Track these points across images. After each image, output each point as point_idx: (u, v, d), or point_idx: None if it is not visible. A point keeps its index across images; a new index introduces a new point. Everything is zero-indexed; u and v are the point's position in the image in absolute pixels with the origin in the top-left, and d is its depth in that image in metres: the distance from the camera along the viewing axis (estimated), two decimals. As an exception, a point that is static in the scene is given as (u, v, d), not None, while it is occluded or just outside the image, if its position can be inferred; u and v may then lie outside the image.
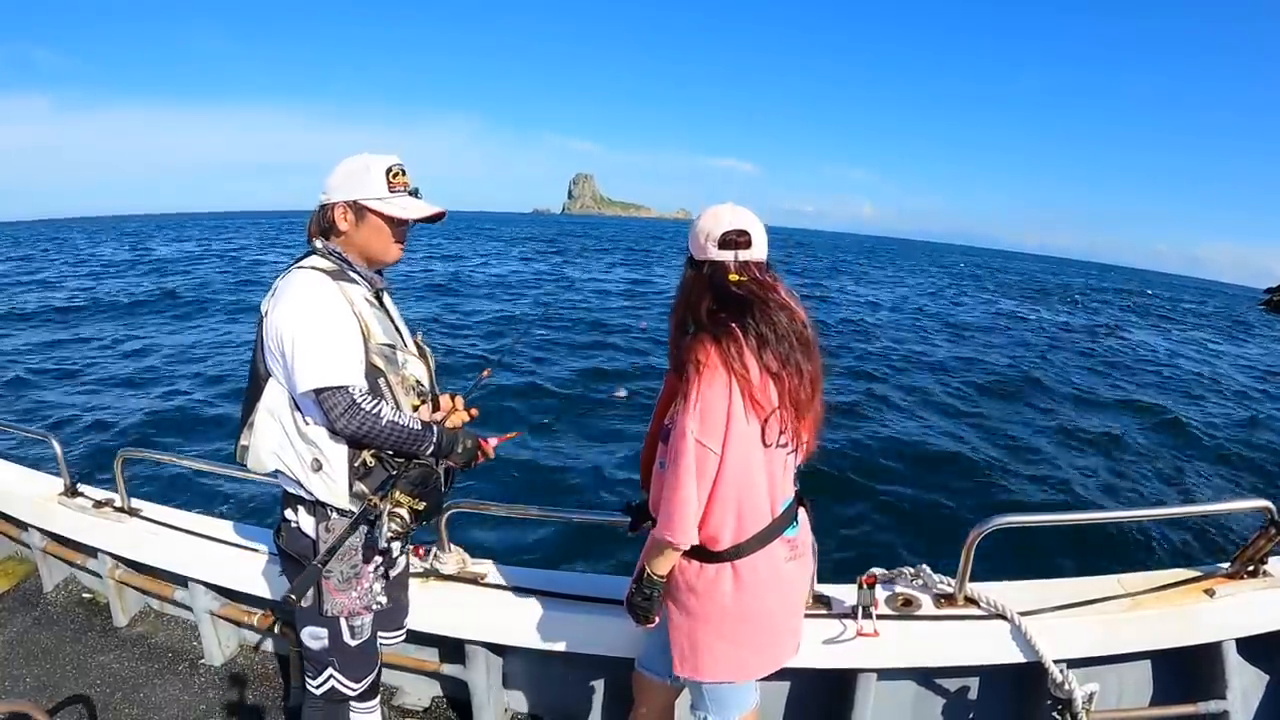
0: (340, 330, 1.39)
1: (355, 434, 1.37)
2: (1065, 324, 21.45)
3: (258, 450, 1.46)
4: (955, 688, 2.03)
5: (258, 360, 1.46)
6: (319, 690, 1.61)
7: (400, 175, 1.49)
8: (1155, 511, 3.39)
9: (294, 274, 1.43)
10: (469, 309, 16.07)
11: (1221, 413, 10.93)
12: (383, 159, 1.47)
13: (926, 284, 33.93)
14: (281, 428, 1.44)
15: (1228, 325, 28.42)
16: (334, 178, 1.47)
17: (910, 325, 17.98)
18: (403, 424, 1.41)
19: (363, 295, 1.48)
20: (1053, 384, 11.66)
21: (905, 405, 9.60)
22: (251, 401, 1.47)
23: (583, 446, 7.03)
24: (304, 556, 1.50)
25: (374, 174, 1.45)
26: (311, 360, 1.34)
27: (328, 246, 1.49)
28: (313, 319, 1.36)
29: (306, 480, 1.44)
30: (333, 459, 1.43)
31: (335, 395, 1.34)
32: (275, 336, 1.38)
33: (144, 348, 11.49)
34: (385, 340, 1.48)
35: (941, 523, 5.66)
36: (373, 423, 1.36)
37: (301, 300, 1.38)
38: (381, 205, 1.46)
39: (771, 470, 1.31)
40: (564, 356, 11.15)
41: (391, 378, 1.47)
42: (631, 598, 1.42)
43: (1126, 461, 8.01)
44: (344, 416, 1.34)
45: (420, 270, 23.84)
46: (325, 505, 1.47)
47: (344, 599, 1.52)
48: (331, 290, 1.41)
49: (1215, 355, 18.07)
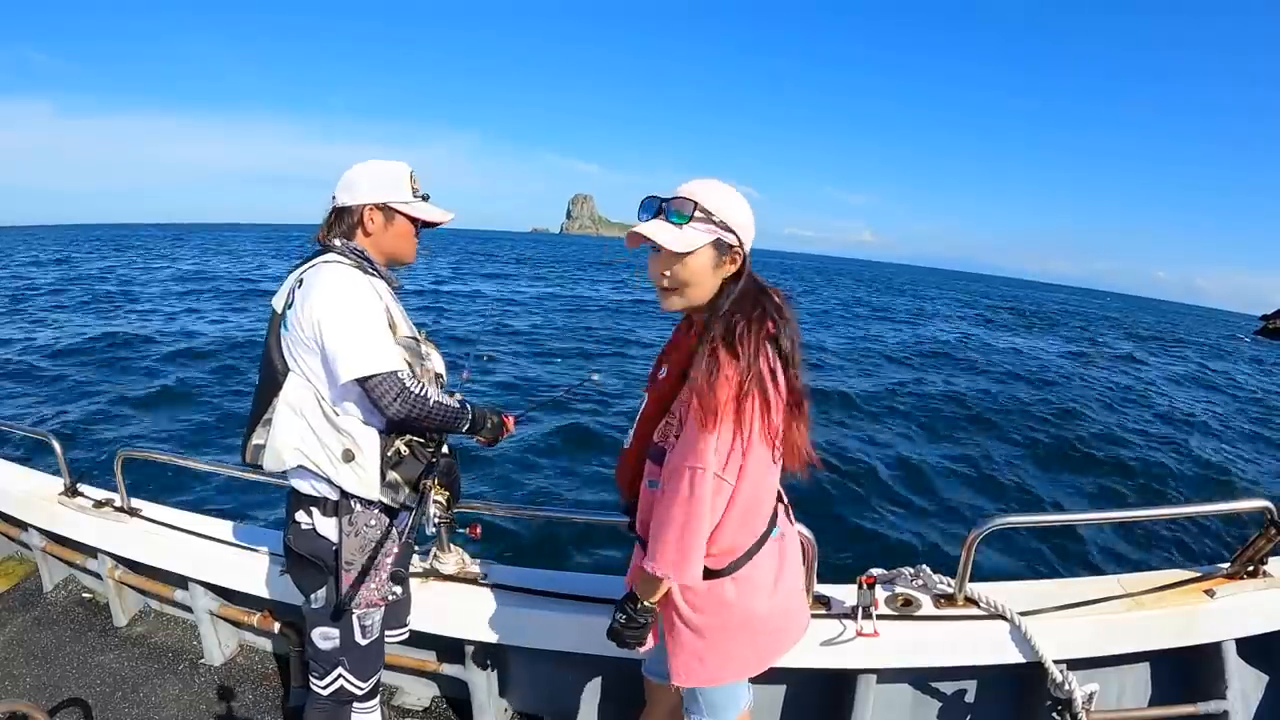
0: (380, 319, 1.43)
1: (408, 416, 1.41)
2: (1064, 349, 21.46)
3: (277, 448, 1.47)
4: (955, 688, 2.02)
5: (273, 357, 1.47)
6: (327, 691, 1.61)
7: (416, 181, 1.56)
8: (1155, 511, 3.38)
9: (322, 268, 1.44)
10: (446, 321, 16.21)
11: (1222, 416, 10.93)
12: (403, 165, 1.55)
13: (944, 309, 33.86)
14: (306, 422, 1.45)
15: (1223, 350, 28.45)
16: (360, 181, 1.51)
17: (920, 340, 17.99)
18: (446, 404, 1.48)
19: (386, 289, 1.53)
20: (1056, 392, 11.68)
21: (904, 408, 9.61)
22: (267, 399, 1.48)
23: (571, 441, 7.03)
24: (319, 558, 1.51)
25: (402, 180, 1.53)
26: (358, 348, 1.37)
27: (348, 246, 1.51)
28: (353, 308, 1.40)
29: (335, 473, 1.45)
30: (366, 448, 1.45)
31: (387, 381, 1.37)
32: (312, 328, 1.39)
33: (146, 347, 11.49)
34: (409, 333, 1.54)
35: (941, 523, 5.66)
36: (423, 404, 1.41)
37: (339, 291, 1.40)
38: (409, 208, 1.54)
39: (773, 485, 1.29)
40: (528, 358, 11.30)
41: (417, 369, 1.51)
42: (621, 630, 1.32)
43: (1127, 462, 8.01)
44: (397, 400, 1.38)
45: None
46: (351, 498, 1.48)
47: (364, 591, 1.53)
48: (365, 281, 1.45)
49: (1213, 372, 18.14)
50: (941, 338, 18.58)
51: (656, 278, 1.21)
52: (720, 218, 1.16)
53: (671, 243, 1.15)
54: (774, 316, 1.18)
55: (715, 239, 1.16)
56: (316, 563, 1.52)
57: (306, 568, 1.55)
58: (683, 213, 1.15)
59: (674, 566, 1.18)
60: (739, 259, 1.19)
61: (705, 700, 1.43)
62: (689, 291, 1.19)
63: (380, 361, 1.37)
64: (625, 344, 14.17)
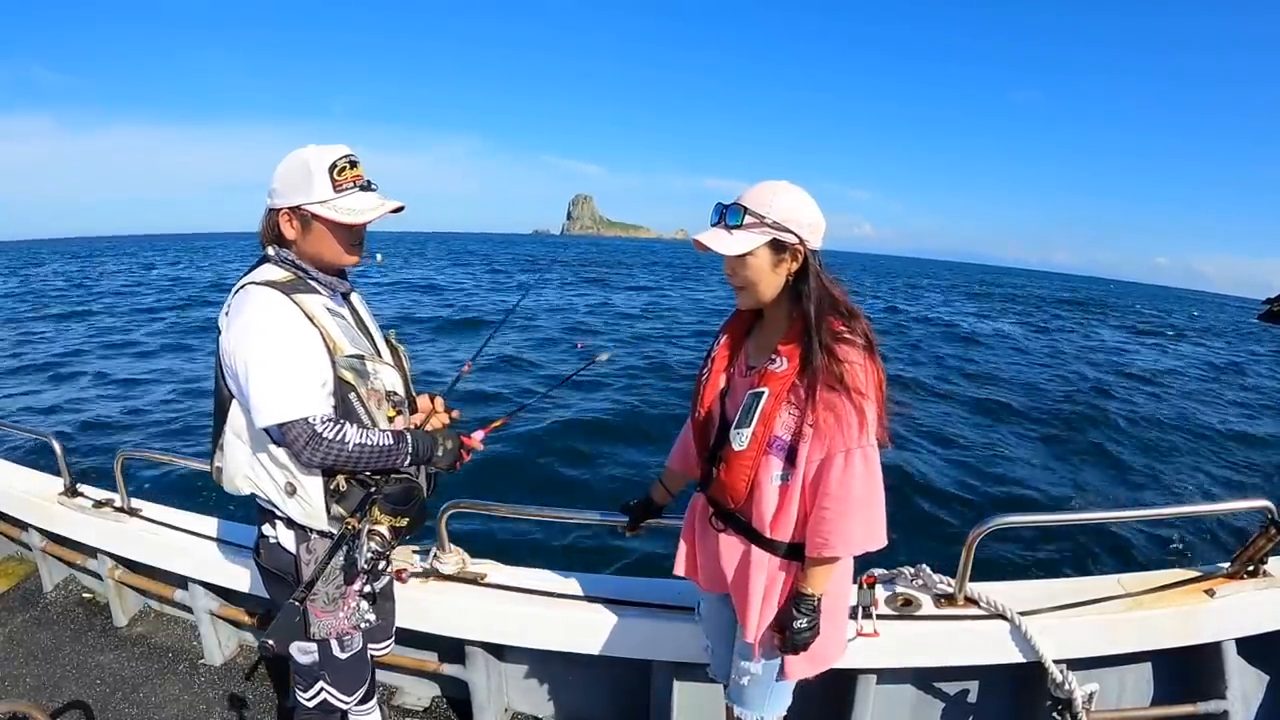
0: (297, 356, 1.29)
1: (321, 464, 1.30)
2: (1067, 335, 21.47)
3: (230, 474, 1.41)
4: (955, 688, 2.02)
5: (220, 380, 1.38)
6: (311, 704, 1.58)
7: (348, 169, 1.33)
8: (1155, 511, 3.38)
9: (247, 292, 1.32)
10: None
11: (1222, 415, 10.94)
12: (326, 152, 1.32)
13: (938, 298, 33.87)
14: (250, 451, 1.38)
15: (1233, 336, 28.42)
16: (275, 179, 1.34)
17: (914, 331, 18.00)
18: (372, 443, 1.32)
19: (323, 305, 1.37)
20: (1057, 388, 11.67)
21: (902, 398, 9.61)
22: (219, 422, 1.41)
23: (578, 437, 7.03)
24: (285, 573, 1.45)
25: (316, 174, 1.30)
26: (268, 394, 1.25)
27: (281, 254, 1.38)
28: (267, 347, 1.26)
29: (283, 504, 1.39)
30: (306, 483, 1.37)
31: (294, 429, 1.26)
32: (230, 363, 1.30)
33: (147, 349, 11.49)
34: (353, 352, 1.38)
35: (941, 523, 5.66)
36: (338, 450, 1.28)
37: (253, 325, 1.28)
38: (325, 210, 1.31)
39: None
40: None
41: (362, 391, 1.38)
42: (803, 631, 1.31)
43: (1127, 463, 8.01)
44: (307, 449, 1.27)
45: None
46: (304, 527, 1.42)
47: (331, 620, 1.47)
48: (286, 310, 1.30)
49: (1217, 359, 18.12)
50: (941, 333, 18.54)
51: (728, 278, 1.31)
52: (774, 218, 1.22)
53: (723, 247, 1.24)
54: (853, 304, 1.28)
55: (770, 239, 1.23)
56: (284, 577, 1.46)
57: (276, 582, 1.50)
58: (734, 217, 1.24)
59: (869, 541, 1.25)
60: (800, 256, 1.25)
61: (773, 694, 1.45)
62: (754, 290, 1.29)
63: (289, 409, 1.25)
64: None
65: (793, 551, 1.32)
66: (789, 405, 1.25)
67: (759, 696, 1.46)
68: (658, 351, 12.40)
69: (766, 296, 1.29)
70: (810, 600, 1.30)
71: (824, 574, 1.30)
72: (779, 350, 1.27)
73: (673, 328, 16.37)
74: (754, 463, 1.28)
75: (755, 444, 1.27)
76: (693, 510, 1.55)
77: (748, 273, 1.26)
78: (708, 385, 1.43)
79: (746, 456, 1.28)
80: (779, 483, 1.29)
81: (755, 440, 1.26)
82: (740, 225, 1.23)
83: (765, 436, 1.26)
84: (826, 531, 1.24)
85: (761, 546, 1.34)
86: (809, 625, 1.31)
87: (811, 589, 1.30)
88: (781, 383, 1.24)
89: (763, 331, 1.39)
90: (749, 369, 1.37)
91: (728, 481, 1.32)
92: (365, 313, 1.55)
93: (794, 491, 1.27)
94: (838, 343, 1.22)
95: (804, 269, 1.26)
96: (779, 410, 1.25)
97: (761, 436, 1.26)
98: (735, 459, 1.29)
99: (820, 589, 1.31)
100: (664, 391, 9.17)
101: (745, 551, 1.37)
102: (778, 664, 1.40)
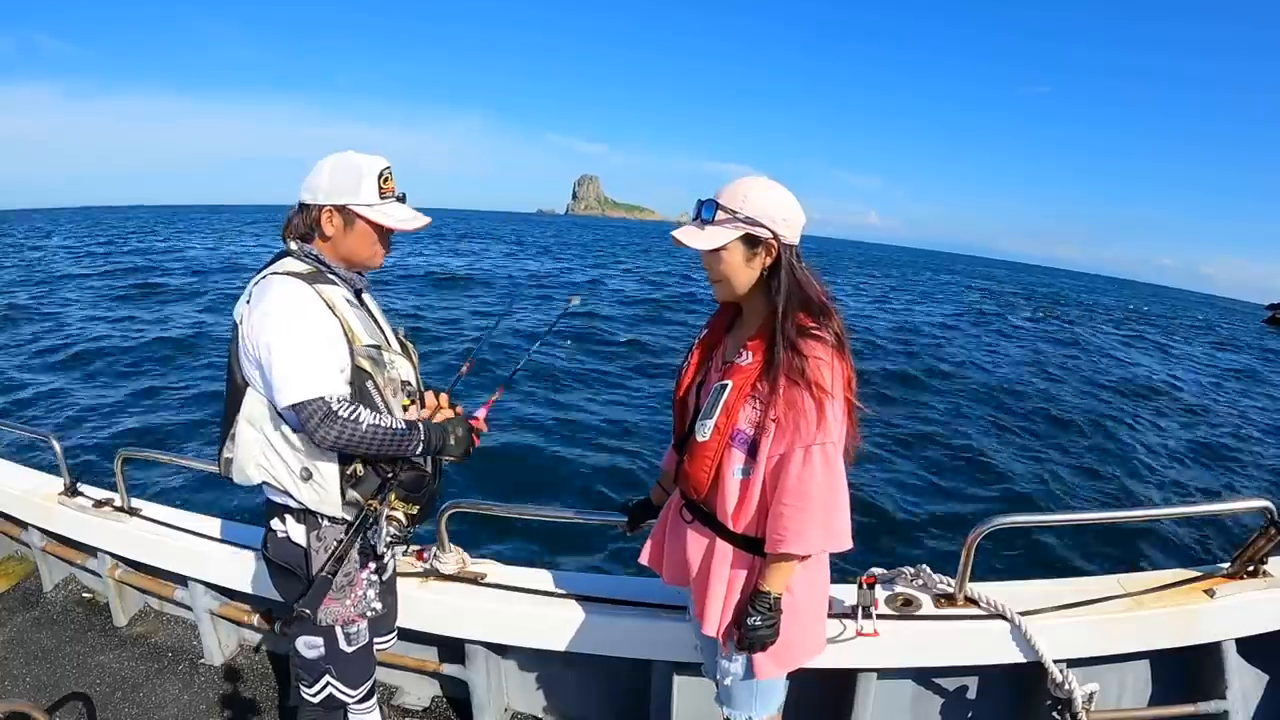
0: (318, 340, 1.34)
1: (335, 443, 1.31)
2: (1072, 335, 21.48)
3: (241, 463, 1.43)
4: (955, 687, 2.03)
5: (235, 369, 1.41)
6: (316, 699, 1.59)
7: (390, 180, 1.44)
8: (1155, 511, 3.39)
9: (269, 281, 1.37)
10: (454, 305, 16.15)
11: (1221, 415, 10.94)
12: (373, 162, 1.42)
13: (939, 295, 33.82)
14: (265, 438, 1.40)
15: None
16: (320, 179, 1.41)
17: (911, 330, 18.01)
18: (385, 425, 1.35)
19: (343, 296, 1.43)
20: (1056, 389, 11.67)
21: (903, 397, 9.62)
22: (231, 412, 1.43)
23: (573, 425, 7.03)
24: (295, 566, 1.47)
25: (366, 179, 1.40)
26: (289, 375, 1.30)
27: (304, 249, 1.44)
28: (289, 330, 1.31)
29: (297, 490, 1.41)
30: (322, 468, 1.40)
31: (310, 406, 1.29)
32: (253, 349, 1.34)
33: (148, 345, 11.48)
34: (370, 341, 1.44)
35: (941, 523, 5.66)
36: (352, 429, 1.30)
37: (277, 310, 1.33)
38: (372, 213, 1.41)
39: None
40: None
41: (379, 379, 1.43)
42: (757, 629, 1.29)
43: (1127, 463, 8.01)
44: (321, 427, 1.29)
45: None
46: (316, 514, 1.44)
47: (338, 607, 1.49)
48: (309, 296, 1.36)
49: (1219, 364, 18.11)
50: (941, 329, 18.50)
51: (706, 272, 1.33)
52: (747, 213, 1.22)
53: (695, 242, 1.25)
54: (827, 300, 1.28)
55: (743, 234, 1.23)
56: (294, 571, 1.48)
57: (285, 576, 1.51)
58: (708, 212, 1.25)
59: (827, 541, 1.24)
60: (774, 250, 1.24)
61: (759, 692, 1.44)
62: (728, 284, 1.29)
63: (308, 388, 1.29)
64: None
65: (753, 546, 1.32)
66: (753, 399, 1.26)
67: (743, 696, 1.45)
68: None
69: (740, 291, 1.30)
70: (766, 598, 1.29)
71: (783, 572, 1.29)
72: (747, 345, 1.28)
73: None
74: (716, 454, 1.29)
75: (718, 435, 1.28)
76: (670, 503, 1.56)
77: (721, 267, 1.28)
78: (684, 377, 1.45)
79: (709, 447, 1.29)
80: (740, 476, 1.30)
81: (718, 432, 1.27)
82: (713, 220, 1.24)
83: (728, 429, 1.27)
84: (783, 528, 1.23)
85: (725, 539, 1.34)
86: (764, 624, 1.29)
87: (769, 587, 1.29)
88: (745, 376, 1.26)
89: (741, 326, 1.40)
90: (724, 363, 1.37)
91: (690, 472, 1.33)
92: (377, 310, 1.59)
93: (755, 486, 1.28)
94: (803, 338, 1.21)
95: (777, 263, 1.25)
96: (742, 403, 1.26)
97: (724, 428, 1.27)
98: (699, 449, 1.30)
99: (778, 588, 1.29)
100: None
101: (709, 544, 1.38)
102: (749, 663, 1.39)
